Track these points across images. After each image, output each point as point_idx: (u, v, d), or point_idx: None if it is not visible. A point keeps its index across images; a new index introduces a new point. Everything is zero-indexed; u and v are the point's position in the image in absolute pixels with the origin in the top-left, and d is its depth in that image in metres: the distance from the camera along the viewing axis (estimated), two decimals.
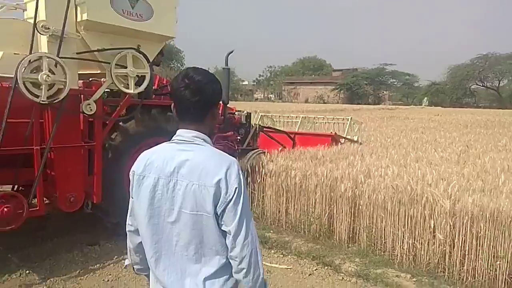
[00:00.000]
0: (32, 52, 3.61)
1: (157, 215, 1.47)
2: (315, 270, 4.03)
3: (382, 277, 3.83)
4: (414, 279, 3.79)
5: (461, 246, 3.83)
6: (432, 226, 3.94)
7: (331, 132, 9.25)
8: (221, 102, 6.13)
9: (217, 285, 1.49)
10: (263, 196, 5.50)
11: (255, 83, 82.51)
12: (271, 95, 75.71)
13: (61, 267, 3.96)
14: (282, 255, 4.38)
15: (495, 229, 3.69)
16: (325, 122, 12.29)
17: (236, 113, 7.21)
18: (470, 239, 3.79)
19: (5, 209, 3.45)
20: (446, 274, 3.83)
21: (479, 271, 3.72)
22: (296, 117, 12.44)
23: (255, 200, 5.55)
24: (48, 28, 3.65)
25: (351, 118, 11.30)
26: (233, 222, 1.42)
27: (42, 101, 3.52)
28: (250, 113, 7.58)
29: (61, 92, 3.65)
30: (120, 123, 4.37)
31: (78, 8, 3.95)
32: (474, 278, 3.72)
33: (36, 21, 3.58)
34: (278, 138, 7.54)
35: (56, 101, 3.63)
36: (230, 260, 1.48)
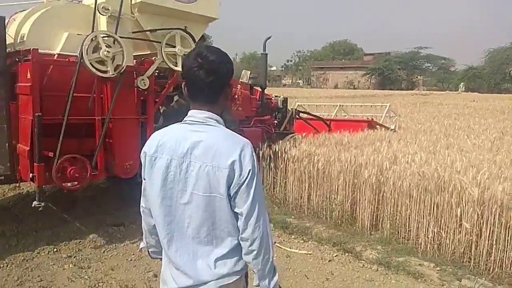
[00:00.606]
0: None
1: (170, 196, 1.47)
2: (335, 256, 3.99)
3: (404, 265, 3.75)
4: (438, 268, 3.69)
5: (488, 236, 3.68)
6: (458, 214, 3.80)
7: (368, 118, 9.23)
8: (259, 87, 6.64)
9: (229, 265, 1.49)
10: (285, 181, 5.47)
11: (283, 69, 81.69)
12: (300, 81, 74.75)
13: (86, 246, 4.10)
14: (302, 241, 4.36)
15: None
16: (361, 109, 12.06)
17: (273, 98, 7.35)
18: (498, 228, 3.63)
19: (72, 170, 3.89)
20: (471, 264, 3.70)
21: (506, 262, 3.57)
22: (334, 105, 12.35)
23: (278, 185, 5.54)
24: (108, 9, 4.03)
25: (389, 105, 11.06)
26: (245, 204, 1.41)
27: (111, 74, 3.96)
28: (287, 98, 7.67)
29: (119, 68, 4.03)
30: (174, 98, 4.73)
31: None
32: (501, 269, 3.58)
33: (97, 3, 3.97)
34: (314, 124, 7.65)
35: (115, 75, 4.01)
36: (241, 242, 1.47)
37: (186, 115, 1.54)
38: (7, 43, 4.06)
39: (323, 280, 3.57)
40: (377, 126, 8.26)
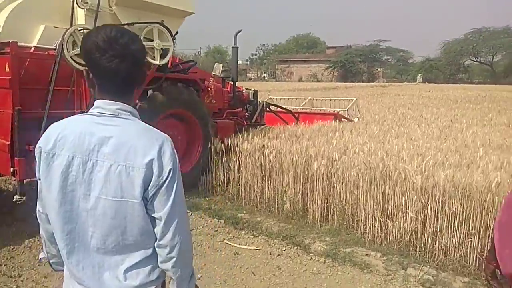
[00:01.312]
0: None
1: (70, 201, 1.26)
2: (284, 250, 3.92)
3: (351, 256, 3.73)
4: (384, 258, 3.69)
5: (433, 224, 3.72)
6: (403, 203, 3.82)
7: (334, 112, 9.44)
8: (230, 80, 6.71)
9: (142, 275, 1.32)
10: (238, 176, 5.35)
11: (248, 62, 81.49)
12: (265, 74, 74.87)
13: (20, 252, 3.82)
14: (252, 236, 4.26)
15: (467, 205, 3.57)
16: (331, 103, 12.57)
17: (244, 90, 7.41)
18: (442, 216, 3.67)
19: None
20: (417, 252, 3.73)
21: (450, 249, 3.62)
22: (304, 99, 12.90)
23: (231, 180, 5.41)
24: (86, 2, 4.06)
25: (355, 100, 11.63)
26: (165, 208, 1.26)
27: (81, 68, 3.89)
28: (257, 91, 7.75)
29: None
30: (149, 92, 4.80)
31: None
32: (446, 256, 3.62)
33: None
34: (284, 117, 7.85)
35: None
36: (158, 249, 1.31)
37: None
38: None
39: (270, 276, 3.48)
40: (342, 119, 8.48)
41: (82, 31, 3.95)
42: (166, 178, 1.25)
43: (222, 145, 5.42)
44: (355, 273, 3.52)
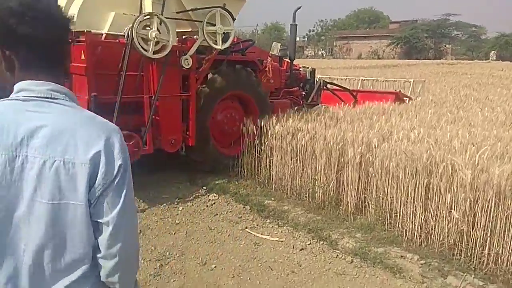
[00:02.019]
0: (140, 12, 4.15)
1: None
2: (308, 244, 3.58)
3: (383, 257, 3.31)
4: (422, 262, 3.24)
5: (483, 227, 3.18)
6: (448, 200, 3.30)
7: (395, 90, 8.97)
8: (288, 58, 6.70)
9: None
10: (270, 160, 5.05)
11: (305, 39, 79.37)
12: (322, 52, 72.58)
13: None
14: (277, 226, 3.96)
15: None
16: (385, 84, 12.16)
17: (301, 69, 7.35)
18: (494, 218, 3.13)
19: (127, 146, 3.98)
20: (461, 258, 3.23)
21: (502, 257, 3.08)
22: (356, 79, 12.72)
23: (262, 164, 5.11)
24: None
25: (413, 81, 11.36)
26: (114, 211, 1.03)
27: (149, 54, 4.05)
28: (315, 69, 7.63)
29: (165, 48, 4.16)
30: (208, 77, 4.92)
31: None
32: (496, 265, 3.10)
33: None
34: (341, 95, 7.58)
35: (162, 56, 4.16)
36: (103, 260, 1.07)
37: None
38: None
39: (288, 273, 3.18)
40: (404, 98, 8.06)
41: (149, 18, 4.06)
42: (116, 176, 1.02)
43: (254, 126, 5.11)
44: (385, 277, 3.11)
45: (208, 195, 4.65)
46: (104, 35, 4.38)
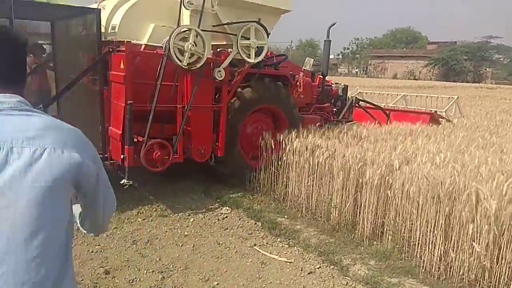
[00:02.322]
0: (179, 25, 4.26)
1: None
2: (317, 268, 3.41)
3: None
4: None
5: (509, 263, 2.92)
6: (470, 232, 3.06)
7: (430, 111, 8.79)
8: (320, 74, 6.75)
9: None
10: (287, 176, 4.91)
11: (340, 57, 78.95)
12: (356, 70, 71.91)
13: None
14: (287, 245, 3.81)
15: None
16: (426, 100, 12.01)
17: (333, 85, 7.35)
18: None
19: (158, 154, 4.26)
20: None
21: None
22: (397, 94, 12.57)
23: (279, 180, 4.98)
24: (192, 4, 4.21)
25: (457, 97, 11.05)
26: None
27: (184, 65, 4.17)
28: (347, 86, 7.59)
29: (200, 60, 4.28)
30: (239, 89, 4.97)
31: None
32: None
33: None
34: (374, 114, 7.46)
35: (196, 67, 4.29)
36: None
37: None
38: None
39: None
40: (440, 120, 7.87)
41: (186, 31, 4.18)
42: (96, 181, 1.14)
43: (273, 141, 5.01)
44: None
45: (221, 209, 4.57)
46: (143, 46, 4.53)
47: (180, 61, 4.16)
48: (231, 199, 4.85)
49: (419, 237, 3.49)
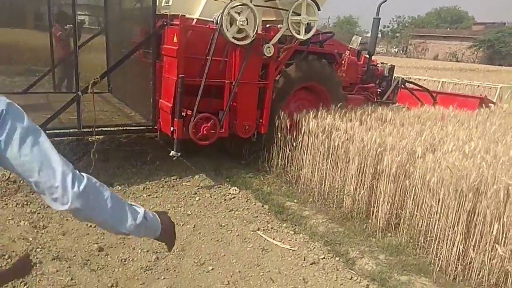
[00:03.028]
0: None
1: None
2: (322, 258, 3.17)
3: (406, 287, 2.82)
4: None
5: None
6: (495, 231, 2.72)
7: (481, 95, 8.36)
8: (367, 53, 6.59)
9: None
10: (302, 158, 4.64)
11: (379, 35, 75.84)
12: (396, 49, 68.94)
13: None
14: (293, 232, 3.58)
15: None
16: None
17: (379, 64, 7.17)
18: None
19: (205, 128, 4.31)
20: None
21: None
22: (436, 80, 12.47)
23: (294, 162, 4.73)
24: None
25: (500, 87, 10.83)
26: None
27: (232, 40, 4.15)
28: (394, 66, 7.39)
29: (249, 36, 4.22)
30: (284, 67, 4.87)
31: None
32: None
33: None
34: (419, 96, 7.21)
35: (246, 43, 4.24)
36: None
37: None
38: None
39: None
40: (490, 104, 7.46)
41: (239, 6, 4.12)
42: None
43: (288, 120, 4.73)
44: None
45: (229, 188, 4.38)
46: (195, 20, 4.54)
47: (230, 35, 4.15)
48: (242, 179, 4.65)
49: (437, 233, 3.18)
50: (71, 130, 4.22)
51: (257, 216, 3.82)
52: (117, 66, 4.42)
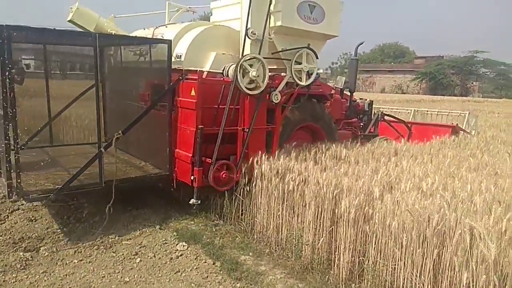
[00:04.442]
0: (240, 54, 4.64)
1: None
2: None
3: None
4: None
5: None
6: (464, 281, 2.48)
7: (452, 123, 8.89)
8: (348, 91, 7.00)
9: None
10: (256, 204, 4.30)
11: (328, 72, 79.15)
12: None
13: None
14: None
15: None
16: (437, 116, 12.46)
17: (358, 100, 7.57)
18: None
19: (224, 174, 4.44)
20: None
21: None
22: (408, 110, 12.88)
23: (247, 208, 4.37)
24: (254, 34, 4.54)
25: (469, 113, 11.23)
26: None
27: (245, 91, 4.43)
28: (372, 101, 7.83)
29: (261, 86, 4.53)
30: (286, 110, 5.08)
31: (272, 16, 4.77)
32: None
33: (246, 28, 4.50)
34: (397, 127, 7.65)
35: (257, 92, 4.53)
36: None
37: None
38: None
39: None
40: (461, 132, 7.94)
41: (250, 60, 4.44)
42: None
43: (242, 163, 4.43)
44: None
45: (176, 244, 3.92)
46: (205, 73, 4.74)
47: (244, 86, 4.42)
48: (190, 231, 4.21)
49: (404, 283, 2.90)
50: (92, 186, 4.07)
51: (207, 277, 3.38)
52: (138, 121, 4.44)
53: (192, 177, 4.36)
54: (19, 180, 3.58)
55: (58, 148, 5.46)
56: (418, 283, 2.79)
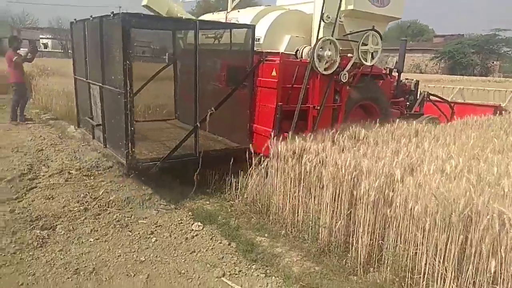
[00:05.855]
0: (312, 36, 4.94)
1: None
2: None
3: None
4: None
5: None
6: (492, 268, 2.37)
7: (495, 103, 8.98)
8: (397, 71, 7.25)
9: None
10: (271, 184, 4.22)
11: None
12: None
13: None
14: (264, 275, 3.12)
15: None
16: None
17: (405, 80, 7.82)
18: None
19: None
20: None
21: None
22: (453, 88, 12.86)
23: (265, 189, 4.29)
24: (329, 17, 4.78)
25: None
26: None
27: (321, 71, 4.75)
28: (418, 81, 8.03)
29: (332, 66, 4.85)
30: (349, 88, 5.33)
31: (344, 0, 4.96)
32: None
33: (322, 12, 4.74)
34: (441, 107, 7.90)
35: (330, 72, 4.83)
36: None
37: None
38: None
39: None
40: (503, 112, 7.96)
41: (326, 41, 4.74)
42: None
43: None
44: None
45: (191, 224, 3.90)
46: (280, 54, 5.01)
47: (319, 67, 4.71)
48: (206, 211, 4.18)
49: (426, 268, 2.81)
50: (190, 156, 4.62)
51: (222, 258, 3.34)
52: (225, 101, 4.87)
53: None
54: (133, 149, 4.14)
55: (140, 124, 5.83)
56: (441, 269, 2.69)
